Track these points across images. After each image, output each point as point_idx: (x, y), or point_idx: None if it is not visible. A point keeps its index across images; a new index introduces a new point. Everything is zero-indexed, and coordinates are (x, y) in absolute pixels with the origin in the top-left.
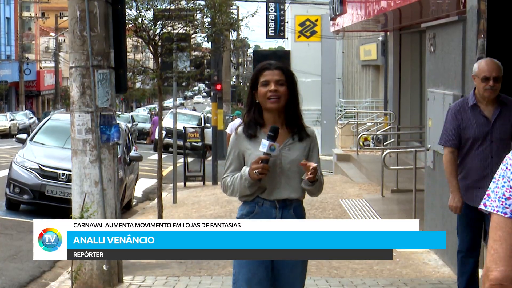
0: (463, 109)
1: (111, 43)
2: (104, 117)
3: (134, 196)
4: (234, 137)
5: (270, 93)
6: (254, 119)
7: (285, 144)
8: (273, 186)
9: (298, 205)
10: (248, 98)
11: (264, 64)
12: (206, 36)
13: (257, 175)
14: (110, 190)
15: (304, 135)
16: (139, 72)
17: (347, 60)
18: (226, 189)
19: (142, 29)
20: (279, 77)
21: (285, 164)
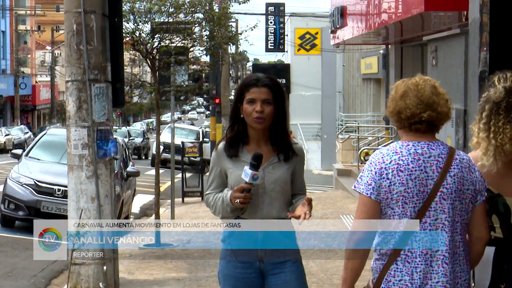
0: None
1: (108, 56)
2: (101, 131)
3: (131, 212)
4: (215, 154)
5: (256, 113)
6: (238, 136)
7: (269, 162)
8: (255, 207)
9: (283, 223)
10: (232, 112)
11: (251, 79)
12: (204, 50)
13: (239, 205)
14: (107, 206)
15: (291, 153)
16: (137, 86)
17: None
18: (209, 207)
19: (139, 43)
20: (266, 96)
21: (268, 184)
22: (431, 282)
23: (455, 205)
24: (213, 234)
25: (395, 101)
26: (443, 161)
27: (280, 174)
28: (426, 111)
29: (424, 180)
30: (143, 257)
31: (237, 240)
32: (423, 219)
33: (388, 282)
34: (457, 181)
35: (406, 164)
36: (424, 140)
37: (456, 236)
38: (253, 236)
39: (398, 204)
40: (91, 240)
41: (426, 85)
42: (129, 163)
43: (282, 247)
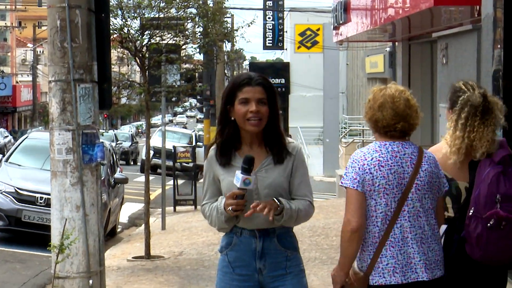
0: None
1: (94, 55)
2: (87, 135)
3: (119, 222)
4: (207, 162)
5: (251, 114)
6: (229, 140)
7: (262, 166)
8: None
9: (284, 232)
10: (221, 115)
11: (243, 77)
12: (198, 47)
13: (232, 212)
14: (93, 215)
15: (285, 154)
16: (125, 86)
17: (352, 73)
18: (206, 218)
19: (128, 40)
20: (261, 95)
21: (262, 189)
22: (414, 261)
23: (427, 194)
24: (207, 245)
25: (373, 110)
26: (415, 158)
27: (274, 178)
28: (400, 122)
29: (402, 174)
30: (132, 270)
31: (234, 251)
32: (402, 207)
33: (377, 268)
34: (428, 174)
35: (386, 160)
36: (398, 141)
37: (431, 220)
38: (251, 247)
39: (380, 195)
40: (76, 252)
41: (401, 98)
42: (117, 169)
43: (282, 259)
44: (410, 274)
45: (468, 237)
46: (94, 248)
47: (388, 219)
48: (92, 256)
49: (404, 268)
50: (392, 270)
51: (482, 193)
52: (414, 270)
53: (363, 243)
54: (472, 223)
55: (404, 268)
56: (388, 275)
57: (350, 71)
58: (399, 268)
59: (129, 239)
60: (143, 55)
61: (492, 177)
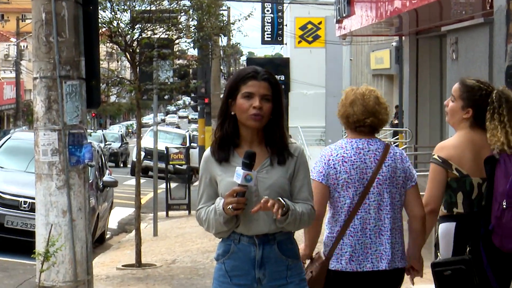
0: None
1: (82, 50)
2: (74, 135)
3: (108, 228)
4: (204, 161)
5: (254, 109)
6: (227, 136)
7: (262, 166)
8: (249, 219)
9: (285, 239)
10: (222, 108)
11: (249, 71)
12: (192, 42)
13: (232, 211)
14: (80, 220)
15: (287, 155)
16: (114, 83)
17: (356, 69)
18: (202, 223)
19: (117, 34)
20: (266, 91)
21: (263, 190)
22: (370, 251)
23: (390, 189)
24: (202, 252)
25: (344, 107)
26: (380, 154)
27: (276, 179)
28: (370, 118)
29: (364, 169)
30: (122, 279)
31: (232, 259)
32: (363, 201)
33: (336, 254)
34: (391, 170)
35: (349, 157)
36: (365, 137)
37: (393, 213)
38: (250, 255)
39: (343, 189)
40: (62, 260)
41: (371, 95)
42: (106, 171)
43: (283, 267)
44: (365, 264)
45: (499, 229)
46: (82, 255)
47: (350, 211)
48: (79, 264)
49: (361, 257)
50: (349, 258)
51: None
52: (370, 260)
53: (329, 231)
54: (507, 215)
55: (360, 257)
56: (345, 262)
57: (354, 67)
58: (355, 257)
59: (119, 246)
60: (133, 50)
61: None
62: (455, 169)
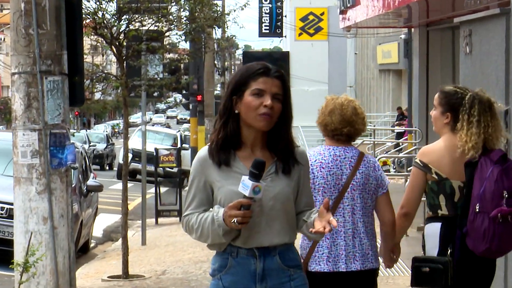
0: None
1: (64, 43)
2: (55, 136)
3: (93, 236)
4: (198, 162)
5: (264, 109)
6: (229, 137)
7: (267, 173)
8: (249, 230)
9: (285, 249)
10: (224, 106)
11: (260, 66)
12: (183, 34)
13: (236, 225)
14: (62, 228)
15: (292, 162)
16: (99, 79)
17: (361, 64)
18: (191, 231)
19: (103, 26)
20: (278, 90)
21: (266, 200)
22: (344, 253)
23: (362, 194)
24: (194, 263)
25: (324, 115)
26: (354, 161)
27: (281, 188)
28: (347, 127)
29: (340, 175)
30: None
31: (230, 274)
32: (338, 205)
33: (314, 257)
34: (364, 176)
35: (327, 163)
36: (342, 145)
37: (365, 218)
38: (250, 269)
39: (319, 193)
40: (43, 271)
41: (349, 106)
42: (90, 175)
43: (286, 279)
44: (340, 264)
45: (472, 232)
46: (64, 266)
47: None
48: (61, 275)
49: (336, 258)
50: (326, 259)
51: (488, 190)
52: (344, 261)
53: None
54: (478, 219)
55: (335, 258)
56: (323, 263)
57: (359, 61)
58: (331, 257)
59: (104, 255)
60: (120, 43)
61: (497, 174)
62: (435, 173)
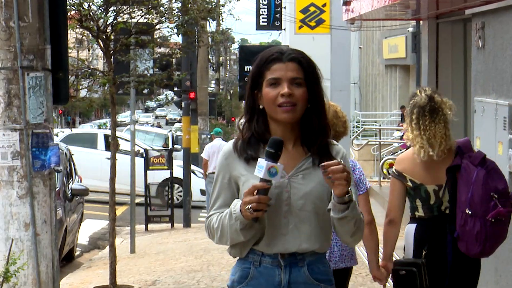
0: None
1: (47, 36)
2: (38, 136)
3: (78, 244)
4: (223, 157)
5: (282, 98)
6: (257, 134)
7: (298, 169)
8: (275, 233)
9: (315, 260)
10: (248, 102)
11: (272, 52)
12: (175, 27)
13: (251, 213)
14: (45, 235)
15: (326, 157)
16: (85, 75)
17: (366, 59)
18: (212, 234)
19: (89, 18)
20: (295, 74)
21: (296, 199)
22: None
23: None
24: (187, 272)
25: None
26: None
27: (314, 186)
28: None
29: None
30: None
31: (251, 287)
32: None
33: None
34: None
35: None
36: None
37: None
38: (275, 280)
39: None
40: (25, 280)
41: (330, 109)
42: (75, 178)
43: None
44: None
45: (464, 236)
46: (47, 275)
47: None
48: (44, 285)
49: None
50: None
51: (477, 194)
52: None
53: None
54: (469, 223)
55: None
56: None
57: (364, 56)
58: None
59: (90, 264)
60: (107, 37)
61: (483, 178)
62: (409, 180)
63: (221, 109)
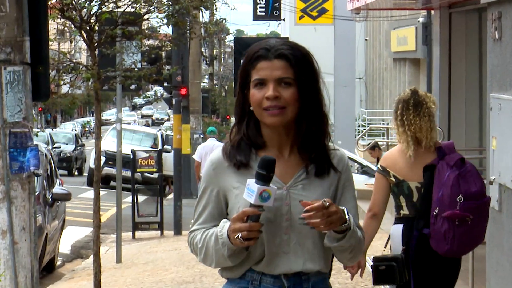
0: None
1: (26, 28)
2: (16, 136)
3: (59, 253)
4: (211, 166)
5: (268, 101)
6: (247, 137)
7: (296, 179)
8: (276, 251)
9: (319, 280)
10: (237, 104)
11: (258, 48)
12: (165, 17)
13: (241, 242)
14: (23, 243)
15: (327, 165)
16: (67, 69)
17: (372, 52)
18: (196, 252)
19: (71, 7)
20: (283, 73)
21: (297, 213)
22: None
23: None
24: (178, 284)
25: None
26: None
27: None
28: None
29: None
30: None
31: None
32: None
33: None
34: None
35: None
36: None
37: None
38: None
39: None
40: None
41: None
42: (56, 181)
43: None
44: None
45: (434, 234)
46: (26, 287)
47: None
48: None
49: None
50: None
51: (446, 195)
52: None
53: None
54: (438, 222)
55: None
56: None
57: (371, 49)
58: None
59: (73, 275)
60: (91, 28)
61: (453, 179)
62: (393, 176)
63: (215, 106)
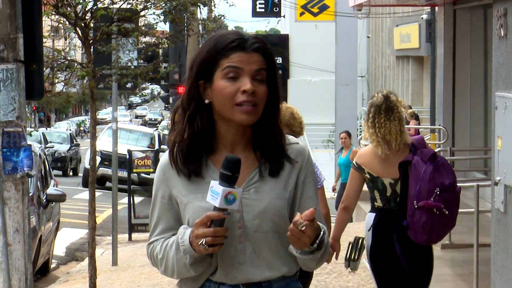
0: None
1: (20, 24)
2: (9, 135)
3: (54, 255)
4: (161, 171)
5: (244, 96)
6: (198, 136)
7: (249, 182)
8: (231, 262)
9: (284, 285)
10: (189, 93)
11: (232, 37)
12: (162, 14)
13: (206, 249)
14: (17, 245)
15: (283, 161)
16: (61, 67)
17: (375, 49)
18: (157, 263)
19: (65, 3)
20: (260, 66)
21: (250, 219)
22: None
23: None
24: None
25: None
26: None
27: (269, 202)
28: (285, 130)
29: None
30: None
31: None
32: None
33: None
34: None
35: None
36: None
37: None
38: None
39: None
40: None
41: (287, 111)
42: (51, 182)
43: None
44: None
45: (413, 226)
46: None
47: None
48: None
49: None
50: None
51: (423, 189)
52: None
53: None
54: (417, 214)
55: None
56: None
57: (373, 46)
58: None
59: (68, 278)
60: (86, 25)
61: (429, 174)
62: (367, 173)
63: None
